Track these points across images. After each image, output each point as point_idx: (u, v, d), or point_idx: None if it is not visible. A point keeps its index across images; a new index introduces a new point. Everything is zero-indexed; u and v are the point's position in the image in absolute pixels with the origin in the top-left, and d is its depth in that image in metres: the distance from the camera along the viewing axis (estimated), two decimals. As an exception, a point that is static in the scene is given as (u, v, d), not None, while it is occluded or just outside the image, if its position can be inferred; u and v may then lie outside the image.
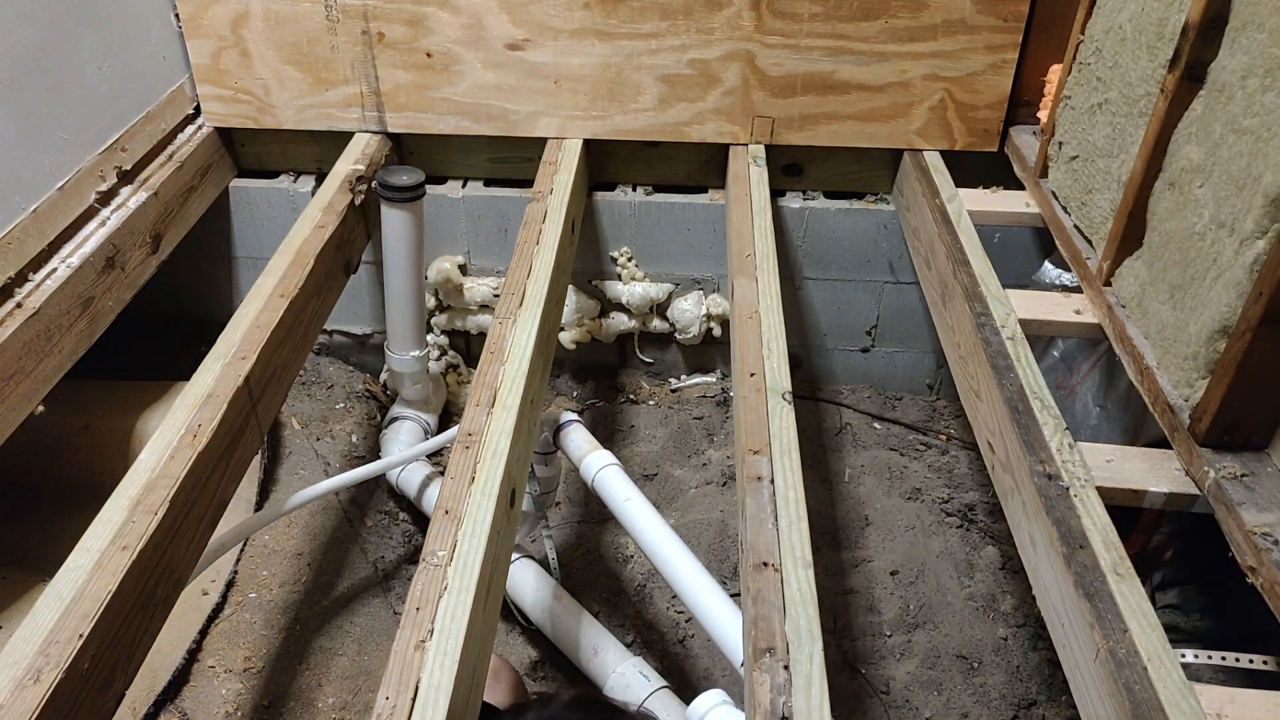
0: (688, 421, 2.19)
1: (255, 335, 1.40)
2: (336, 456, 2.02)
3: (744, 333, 1.45)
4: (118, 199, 1.69)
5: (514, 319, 1.44)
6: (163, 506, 1.11)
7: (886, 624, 1.75)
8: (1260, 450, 1.11)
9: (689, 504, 1.99)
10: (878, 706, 1.62)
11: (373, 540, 1.89)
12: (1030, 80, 1.87)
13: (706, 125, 1.96)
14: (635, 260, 2.14)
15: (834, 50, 1.85)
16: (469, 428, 1.23)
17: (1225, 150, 1.11)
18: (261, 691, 1.58)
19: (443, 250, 2.14)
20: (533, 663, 1.69)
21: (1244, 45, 1.10)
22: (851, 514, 1.98)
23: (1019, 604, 1.78)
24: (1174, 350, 1.19)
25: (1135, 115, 1.35)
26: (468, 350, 2.32)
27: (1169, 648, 0.93)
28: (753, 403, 1.31)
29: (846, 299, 2.18)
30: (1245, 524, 1.01)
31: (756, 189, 1.84)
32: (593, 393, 2.29)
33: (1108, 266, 1.39)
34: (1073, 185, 1.56)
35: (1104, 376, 1.68)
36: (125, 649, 1.04)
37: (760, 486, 1.18)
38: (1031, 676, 1.67)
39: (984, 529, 1.94)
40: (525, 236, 1.65)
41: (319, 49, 1.89)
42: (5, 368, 1.37)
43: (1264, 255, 1.02)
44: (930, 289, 1.71)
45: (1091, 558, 1.03)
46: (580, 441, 1.65)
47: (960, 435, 2.19)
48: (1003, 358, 1.34)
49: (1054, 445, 1.18)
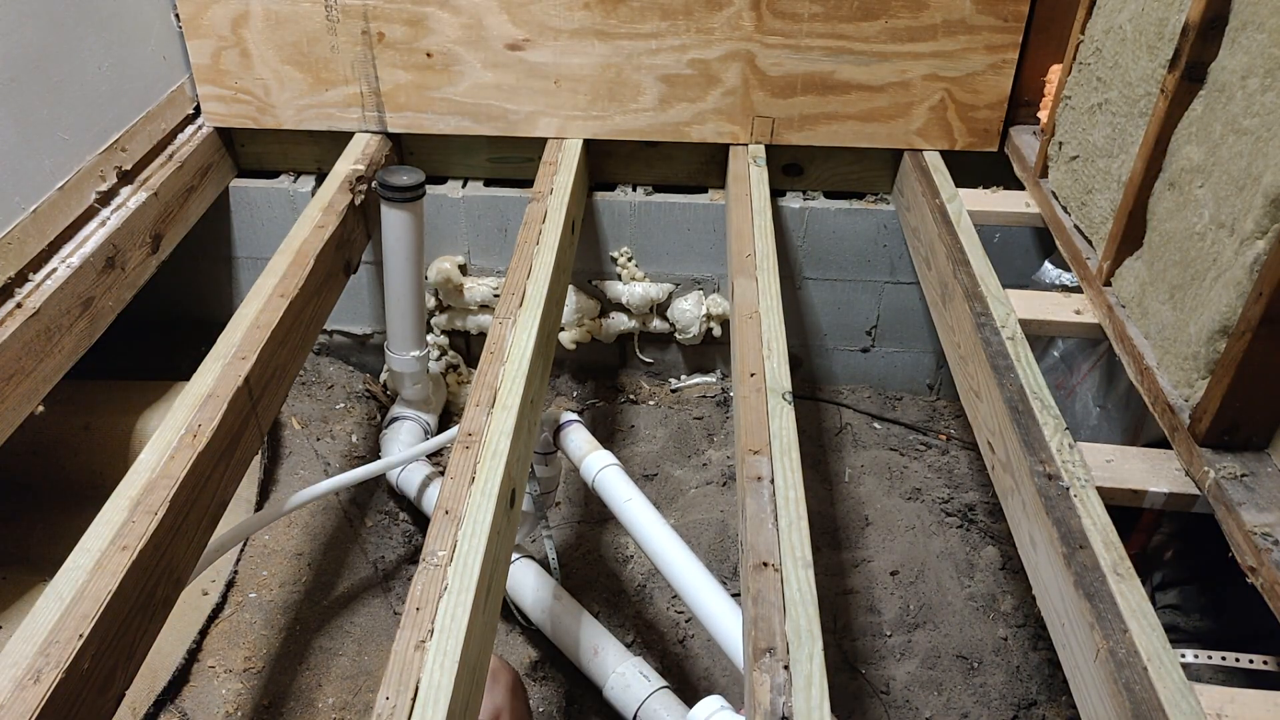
0: (688, 421, 2.19)
1: (255, 335, 1.40)
2: (336, 456, 2.02)
3: (744, 333, 1.45)
4: (118, 199, 1.70)
5: (514, 319, 1.44)
6: (163, 506, 1.11)
7: (886, 624, 1.75)
8: (1260, 450, 1.11)
9: (689, 504, 1.99)
10: (878, 706, 1.62)
11: (373, 540, 1.89)
12: (1030, 80, 1.87)
13: (706, 125, 1.96)
14: (635, 260, 2.14)
15: (834, 50, 1.85)
16: (469, 428, 1.23)
17: (1225, 150, 1.11)
18: (261, 691, 1.59)
19: (443, 250, 2.14)
20: (533, 663, 1.69)
21: (1244, 45, 1.10)
22: (851, 514, 1.98)
23: (1019, 604, 1.78)
24: (1174, 350, 1.19)
25: (1135, 115, 1.35)
26: (468, 350, 2.32)
27: (1169, 648, 0.93)
28: (753, 403, 1.31)
29: (846, 299, 2.18)
30: (1245, 524, 1.01)
31: (756, 189, 1.84)
32: (593, 393, 2.29)
33: (1108, 266, 1.39)
34: (1073, 185, 1.56)
35: (1104, 376, 1.68)
36: (125, 649, 1.04)
37: (760, 486, 1.18)
38: (1031, 676, 1.67)
39: (984, 529, 1.94)
40: (525, 236, 1.66)
41: (319, 49, 1.90)
42: (5, 368, 1.37)
43: (1264, 255, 1.02)
44: (930, 289, 1.71)
45: (1091, 558, 1.03)
46: (580, 441, 1.65)
47: (960, 435, 2.19)
48: (1003, 358, 1.34)
49: (1054, 445, 1.18)
